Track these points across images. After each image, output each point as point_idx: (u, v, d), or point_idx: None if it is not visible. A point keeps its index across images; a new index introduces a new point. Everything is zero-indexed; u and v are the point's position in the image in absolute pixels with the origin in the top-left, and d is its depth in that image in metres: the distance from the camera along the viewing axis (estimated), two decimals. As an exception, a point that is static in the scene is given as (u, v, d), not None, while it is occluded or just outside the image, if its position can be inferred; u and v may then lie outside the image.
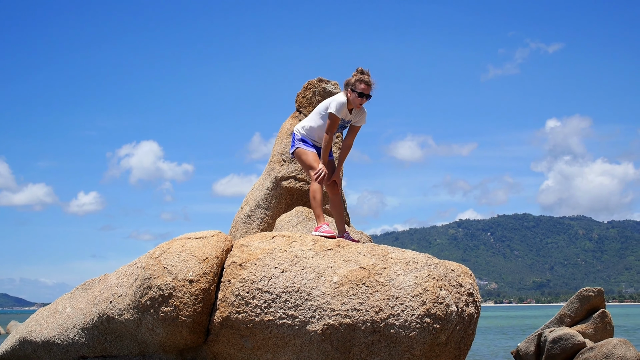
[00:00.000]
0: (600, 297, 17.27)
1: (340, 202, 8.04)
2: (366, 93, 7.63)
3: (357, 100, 7.63)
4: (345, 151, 8.09)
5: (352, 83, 7.62)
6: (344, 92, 7.70)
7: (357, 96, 7.60)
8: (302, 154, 7.91)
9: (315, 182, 7.73)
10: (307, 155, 7.87)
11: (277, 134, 11.16)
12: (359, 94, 7.60)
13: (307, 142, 7.93)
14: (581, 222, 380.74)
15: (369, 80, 7.62)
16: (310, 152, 7.86)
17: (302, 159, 7.93)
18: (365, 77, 7.61)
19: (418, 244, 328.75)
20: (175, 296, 6.97)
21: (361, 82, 7.59)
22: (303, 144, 7.92)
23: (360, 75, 7.63)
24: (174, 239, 7.55)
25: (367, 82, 7.61)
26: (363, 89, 7.60)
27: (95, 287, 8.47)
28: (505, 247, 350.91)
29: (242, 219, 11.24)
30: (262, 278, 6.85)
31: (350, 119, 7.86)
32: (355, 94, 7.60)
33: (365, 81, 7.60)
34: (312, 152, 7.86)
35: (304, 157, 7.89)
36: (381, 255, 6.75)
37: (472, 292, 6.78)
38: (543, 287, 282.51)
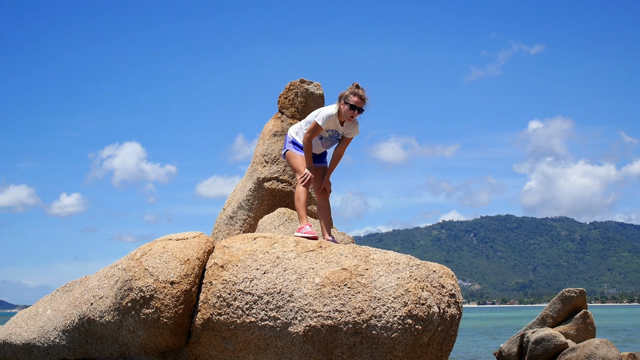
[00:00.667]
0: (582, 298, 17.38)
1: (328, 206, 8.05)
2: (358, 106, 7.65)
3: (348, 113, 7.65)
4: (336, 160, 8.12)
5: (346, 95, 7.65)
6: (337, 104, 7.74)
7: (349, 108, 7.63)
8: (291, 156, 7.99)
9: (301, 185, 7.77)
10: (295, 158, 7.92)
11: (260, 135, 11.14)
12: (350, 107, 7.62)
13: (298, 146, 7.95)
14: (563, 223, 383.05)
15: (363, 95, 7.66)
16: (299, 155, 7.90)
17: (291, 161, 8.01)
18: (360, 91, 7.65)
19: (401, 245, 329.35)
20: (157, 298, 6.94)
21: (355, 95, 7.63)
22: (293, 147, 7.97)
23: (355, 89, 7.67)
24: (155, 240, 7.51)
25: (360, 95, 7.64)
26: (355, 102, 7.62)
27: (76, 289, 8.41)
28: (489, 248, 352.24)
29: (225, 220, 11.21)
30: (243, 279, 6.83)
31: (342, 131, 7.90)
32: (347, 106, 7.62)
33: (358, 95, 7.63)
34: (300, 155, 7.89)
35: (292, 160, 7.96)
36: (363, 256, 6.74)
37: (454, 293, 6.79)
38: (526, 288, 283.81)
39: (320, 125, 7.66)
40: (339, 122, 7.78)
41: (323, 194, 8.04)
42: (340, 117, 7.74)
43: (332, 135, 7.92)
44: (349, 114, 7.66)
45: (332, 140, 8.00)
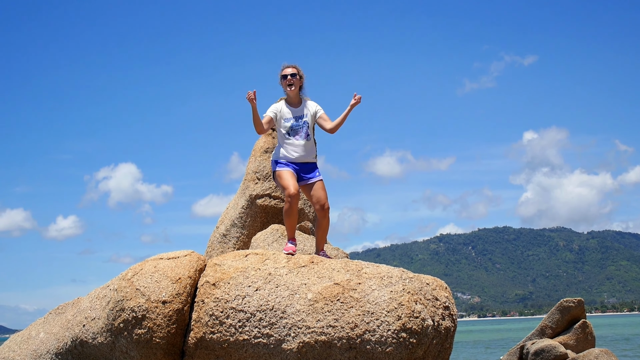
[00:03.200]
0: (580, 308, 17.32)
1: (325, 224, 7.90)
2: (287, 73, 8.02)
3: (284, 84, 8.02)
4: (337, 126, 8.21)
5: (279, 76, 8.08)
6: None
7: (282, 79, 8.03)
8: (277, 175, 7.95)
9: (286, 201, 7.72)
10: (280, 174, 7.86)
11: (251, 152, 11.14)
12: (282, 77, 8.02)
13: (280, 163, 7.91)
14: (561, 233, 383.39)
15: (287, 64, 8.09)
16: (283, 171, 7.82)
17: (277, 180, 7.98)
18: (284, 65, 8.10)
19: (400, 259, 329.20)
20: (149, 318, 6.88)
21: (282, 69, 8.08)
22: (277, 165, 7.94)
23: (285, 66, 8.10)
24: (146, 259, 7.47)
25: (285, 66, 8.08)
26: (284, 72, 8.03)
27: (69, 311, 8.35)
28: (487, 260, 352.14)
29: (218, 238, 11.19)
30: (236, 297, 6.78)
31: (300, 114, 8.02)
32: (282, 81, 8.03)
33: (284, 67, 8.08)
34: (285, 170, 7.82)
35: (278, 178, 7.92)
36: (355, 270, 6.70)
37: (448, 306, 6.74)
38: (526, 300, 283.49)
39: (266, 114, 7.91)
40: (290, 106, 8.02)
41: (323, 212, 7.86)
42: (289, 101, 8.05)
43: (295, 123, 7.95)
44: (286, 83, 8.00)
45: (301, 126, 7.98)
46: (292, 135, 7.89)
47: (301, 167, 7.91)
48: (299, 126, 7.92)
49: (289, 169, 7.83)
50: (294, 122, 7.90)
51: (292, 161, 7.88)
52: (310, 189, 7.90)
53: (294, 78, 7.96)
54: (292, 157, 7.88)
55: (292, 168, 7.85)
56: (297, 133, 7.93)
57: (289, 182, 7.72)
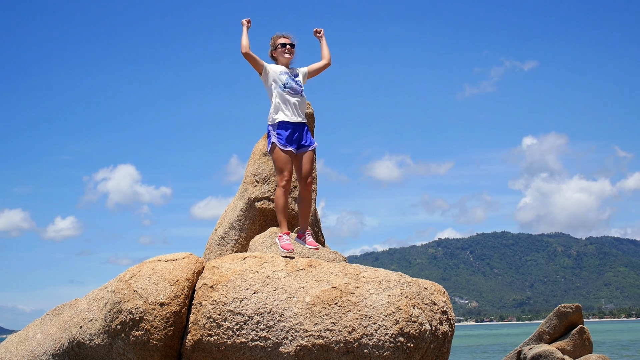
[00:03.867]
0: (578, 313, 17.30)
1: (309, 198, 7.96)
2: (287, 42, 8.08)
3: (283, 52, 8.05)
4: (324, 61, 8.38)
5: (273, 44, 8.09)
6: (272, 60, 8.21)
7: (281, 47, 8.04)
8: (275, 153, 7.82)
9: (279, 187, 7.71)
10: (277, 156, 7.78)
11: (250, 155, 11.11)
12: (281, 45, 8.04)
13: (281, 136, 7.81)
14: (559, 239, 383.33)
15: (284, 34, 8.14)
16: (281, 154, 7.75)
17: (274, 157, 7.85)
18: (282, 33, 8.14)
19: (398, 264, 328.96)
20: (146, 320, 6.87)
21: (279, 37, 8.11)
22: (278, 140, 7.80)
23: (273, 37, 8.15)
24: (144, 261, 7.46)
25: (284, 35, 8.12)
26: (284, 40, 8.08)
27: (66, 312, 8.34)
28: (485, 265, 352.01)
29: (216, 240, 11.14)
30: (233, 300, 6.77)
31: (294, 72, 8.08)
32: (279, 47, 8.04)
33: (282, 35, 8.12)
34: (283, 154, 7.75)
35: (276, 157, 7.81)
36: (353, 274, 6.70)
37: (446, 310, 6.74)
38: (523, 305, 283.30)
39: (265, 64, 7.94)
40: (279, 69, 8.01)
41: (306, 184, 7.90)
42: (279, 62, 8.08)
43: (289, 78, 7.97)
44: (284, 52, 8.03)
45: (295, 83, 7.99)
46: (288, 88, 7.87)
47: (297, 129, 7.89)
48: (293, 81, 7.94)
49: (290, 148, 7.79)
50: (288, 77, 7.94)
51: (290, 123, 7.84)
52: (300, 158, 7.89)
53: (293, 49, 8.10)
54: (290, 119, 7.85)
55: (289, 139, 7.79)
56: (292, 87, 7.92)
57: (286, 168, 7.70)
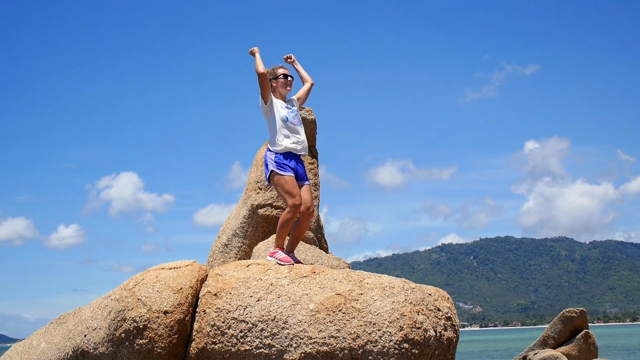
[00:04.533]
0: (582, 318, 17.26)
1: (305, 228, 7.90)
2: (289, 74, 8.19)
3: (285, 83, 8.12)
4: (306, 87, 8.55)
5: (271, 74, 8.11)
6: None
7: (283, 79, 8.10)
8: (278, 179, 7.70)
9: (291, 209, 7.58)
10: (284, 180, 7.71)
11: (253, 162, 11.12)
12: (283, 76, 8.11)
13: (281, 165, 7.80)
14: (563, 243, 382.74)
15: (281, 65, 8.26)
16: (287, 177, 7.70)
17: (280, 182, 7.70)
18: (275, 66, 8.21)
19: (401, 269, 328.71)
20: (150, 328, 6.87)
21: (280, 68, 8.19)
22: (277, 167, 7.78)
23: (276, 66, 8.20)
24: (147, 269, 7.46)
25: (280, 66, 8.21)
26: (285, 71, 8.16)
27: (70, 320, 8.33)
28: (489, 270, 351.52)
29: (220, 248, 11.15)
30: (237, 307, 6.76)
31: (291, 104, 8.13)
32: (281, 78, 8.09)
33: (282, 67, 8.22)
34: (289, 176, 7.71)
35: (282, 182, 7.67)
36: (357, 281, 6.68)
37: (450, 316, 6.72)
38: (528, 310, 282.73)
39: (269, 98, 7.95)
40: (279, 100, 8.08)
41: (307, 214, 7.84)
42: (276, 95, 8.10)
43: (290, 110, 8.01)
44: (285, 84, 8.12)
45: (295, 114, 8.06)
46: (289, 121, 7.89)
47: (298, 163, 7.90)
48: (293, 113, 7.99)
49: (292, 174, 7.76)
50: (288, 109, 7.98)
51: (295, 153, 7.85)
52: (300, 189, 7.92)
53: (292, 79, 8.22)
54: (295, 149, 7.85)
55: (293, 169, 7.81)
56: (294, 118, 7.96)
57: (296, 190, 7.65)
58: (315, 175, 10.77)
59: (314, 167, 10.65)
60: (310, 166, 10.74)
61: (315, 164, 10.76)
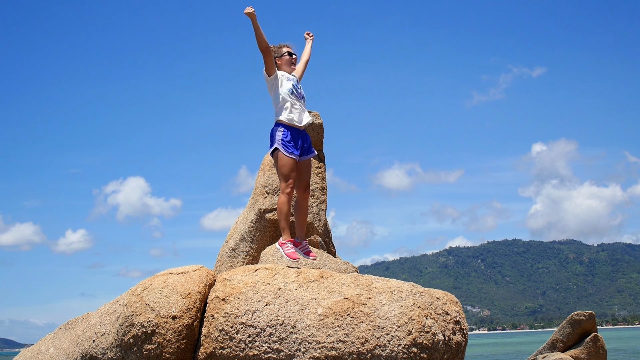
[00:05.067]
0: (591, 321, 17.19)
1: (306, 207, 8.03)
2: (293, 51, 8.22)
3: (290, 60, 8.17)
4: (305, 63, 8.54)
5: (276, 51, 8.12)
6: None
7: (288, 56, 8.15)
8: (280, 159, 7.83)
9: (284, 193, 7.69)
10: (284, 162, 7.78)
11: (260, 166, 11.11)
12: (288, 54, 8.15)
13: (286, 144, 7.82)
14: (571, 246, 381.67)
15: (287, 44, 8.27)
16: (288, 160, 7.77)
17: (280, 163, 7.84)
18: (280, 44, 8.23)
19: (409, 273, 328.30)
20: (159, 333, 6.87)
21: (283, 46, 8.21)
22: (282, 146, 7.81)
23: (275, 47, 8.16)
24: (155, 274, 7.46)
25: (285, 45, 8.22)
26: (289, 50, 8.20)
27: (78, 326, 8.34)
28: (497, 273, 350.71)
29: (227, 252, 11.14)
30: (245, 312, 6.76)
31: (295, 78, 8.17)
32: (286, 56, 8.13)
33: (284, 45, 8.22)
34: (290, 160, 7.76)
35: (281, 163, 7.81)
36: (365, 285, 6.67)
37: (459, 320, 6.70)
38: (536, 313, 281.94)
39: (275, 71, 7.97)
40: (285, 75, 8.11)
41: (305, 192, 7.93)
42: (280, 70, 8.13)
43: (295, 84, 8.05)
44: (290, 61, 8.16)
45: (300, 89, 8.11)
46: (296, 94, 7.92)
47: (301, 135, 7.93)
48: (298, 87, 8.02)
49: (294, 156, 7.80)
50: (294, 83, 8.00)
51: (298, 128, 7.92)
52: (301, 166, 7.94)
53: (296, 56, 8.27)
54: (299, 124, 7.92)
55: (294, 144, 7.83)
56: (299, 94, 7.98)
57: (293, 174, 7.74)
58: (322, 179, 10.75)
59: (322, 172, 10.62)
60: (317, 170, 10.73)
61: (323, 167, 10.73)
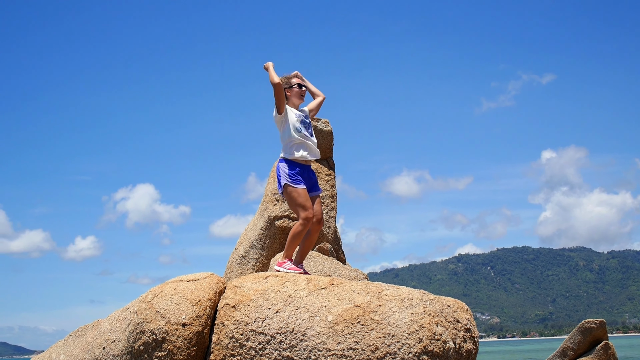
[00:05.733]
0: (602, 329, 17.10)
1: (315, 239, 8.04)
2: (302, 83, 8.22)
3: (299, 92, 8.15)
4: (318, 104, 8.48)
5: (286, 82, 8.10)
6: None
7: (298, 87, 8.13)
8: (291, 191, 7.79)
9: (302, 221, 7.67)
10: (297, 193, 7.77)
11: (270, 174, 11.15)
12: (298, 86, 8.13)
13: (294, 177, 7.84)
14: (581, 253, 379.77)
15: (296, 73, 8.25)
16: (300, 189, 7.77)
17: (292, 195, 7.79)
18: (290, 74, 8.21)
19: (418, 280, 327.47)
20: (169, 340, 6.87)
21: (294, 77, 8.19)
22: (290, 180, 7.82)
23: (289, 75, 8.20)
24: (166, 282, 7.47)
25: (294, 75, 8.21)
26: (299, 81, 8.18)
27: (89, 333, 8.36)
28: (506, 280, 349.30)
29: (237, 259, 11.17)
30: (256, 319, 6.76)
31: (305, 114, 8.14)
32: (296, 87, 8.12)
33: (296, 75, 8.21)
34: (302, 189, 7.78)
35: (295, 194, 7.77)
36: (376, 292, 6.66)
37: (470, 328, 6.68)
38: (546, 320, 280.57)
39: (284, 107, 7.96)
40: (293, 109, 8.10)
41: (319, 224, 7.95)
42: (289, 104, 8.11)
43: (303, 120, 8.05)
44: (300, 93, 8.15)
45: (308, 124, 8.10)
46: (303, 131, 7.95)
47: (309, 173, 7.95)
48: (306, 123, 8.03)
49: (305, 187, 7.82)
50: (303, 117, 8.02)
51: (306, 163, 7.93)
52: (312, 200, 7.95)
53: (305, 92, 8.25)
54: (307, 159, 7.93)
55: (305, 181, 7.85)
56: (307, 129, 8.01)
57: (308, 203, 7.72)
58: (332, 186, 10.77)
59: (331, 179, 10.65)
60: (327, 177, 10.75)
61: (332, 175, 10.76)
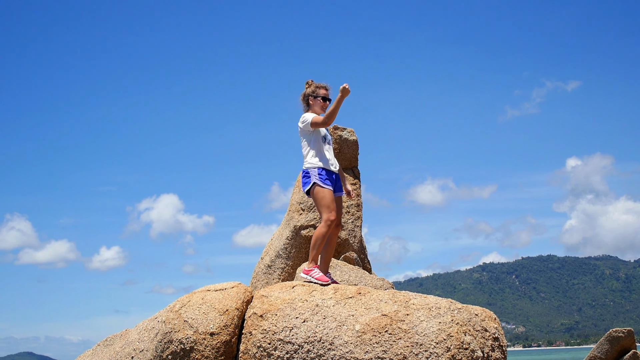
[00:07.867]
0: (630, 338, 16.93)
1: (334, 243, 8.01)
2: (328, 97, 8.05)
3: (323, 105, 8.00)
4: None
5: (312, 92, 8.02)
6: (305, 107, 8.10)
7: (322, 100, 7.99)
8: (318, 192, 7.75)
9: (326, 223, 7.65)
10: (324, 194, 7.74)
11: (295, 183, 11.17)
12: (322, 99, 7.99)
13: (324, 179, 7.84)
14: (607, 261, 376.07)
15: (326, 86, 8.09)
16: (327, 191, 7.76)
17: (319, 196, 7.75)
18: (323, 84, 8.08)
19: (442, 289, 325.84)
20: (197, 350, 6.91)
21: (321, 88, 8.05)
22: (320, 180, 7.79)
23: (319, 84, 8.07)
24: (193, 291, 7.51)
25: (325, 87, 8.07)
26: (325, 94, 8.03)
27: (117, 342, 8.42)
28: (531, 289, 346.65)
29: (263, 269, 11.20)
30: (283, 329, 6.78)
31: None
32: (320, 99, 7.98)
33: (324, 87, 8.07)
34: (329, 190, 7.76)
35: (321, 195, 7.73)
36: (403, 301, 6.66)
37: (498, 337, 6.65)
38: (572, 329, 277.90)
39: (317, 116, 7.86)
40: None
41: (337, 228, 7.93)
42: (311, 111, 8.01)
43: (327, 133, 8.06)
44: (323, 106, 8.00)
45: (330, 138, 8.13)
46: (327, 143, 8.00)
47: (335, 175, 7.98)
48: (328, 137, 8.07)
49: (331, 188, 7.82)
50: (326, 131, 8.06)
51: (332, 171, 7.93)
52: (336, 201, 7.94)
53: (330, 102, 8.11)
54: (333, 168, 7.94)
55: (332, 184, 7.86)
56: (330, 143, 8.06)
57: (334, 205, 7.72)
58: (358, 195, 10.77)
59: (357, 188, 10.65)
60: (352, 187, 10.75)
61: (358, 184, 10.77)
